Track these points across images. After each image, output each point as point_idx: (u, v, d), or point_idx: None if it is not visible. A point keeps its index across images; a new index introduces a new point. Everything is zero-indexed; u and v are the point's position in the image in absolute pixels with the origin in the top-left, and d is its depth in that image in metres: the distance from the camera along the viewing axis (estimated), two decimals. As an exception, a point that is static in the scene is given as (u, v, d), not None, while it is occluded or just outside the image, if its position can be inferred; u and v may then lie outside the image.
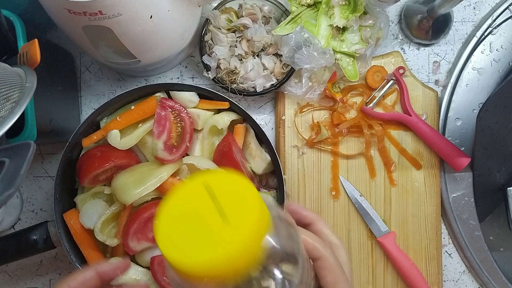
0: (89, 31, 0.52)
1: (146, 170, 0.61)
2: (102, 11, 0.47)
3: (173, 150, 0.61)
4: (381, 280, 0.70)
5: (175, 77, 0.73)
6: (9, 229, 0.71)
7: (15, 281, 0.72)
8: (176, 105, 0.62)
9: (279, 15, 0.68)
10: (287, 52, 0.65)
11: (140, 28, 0.52)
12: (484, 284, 0.72)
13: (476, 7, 0.73)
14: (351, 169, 0.70)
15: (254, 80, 0.66)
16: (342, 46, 0.66)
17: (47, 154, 0.72)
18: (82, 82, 0.72)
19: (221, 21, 0.66)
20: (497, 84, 0.72)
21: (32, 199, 0.72)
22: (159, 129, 0.61)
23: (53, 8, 0.49)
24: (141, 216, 0.59)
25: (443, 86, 0.73)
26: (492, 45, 0.71)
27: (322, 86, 0.68)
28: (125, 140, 0.62)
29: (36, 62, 0.49)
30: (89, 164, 0.61)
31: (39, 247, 0.61)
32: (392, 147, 0.70)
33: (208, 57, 0.66)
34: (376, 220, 0.69)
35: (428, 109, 0.71)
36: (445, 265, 0.72)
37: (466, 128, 0.71)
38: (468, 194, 0.71)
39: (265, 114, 0.73)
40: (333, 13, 0.65)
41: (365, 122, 0.69)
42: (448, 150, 0.68)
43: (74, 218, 0.62)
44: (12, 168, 0.37)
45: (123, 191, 0.59)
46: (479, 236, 0.71)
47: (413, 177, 0.70)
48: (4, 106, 0.44)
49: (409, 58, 0.73)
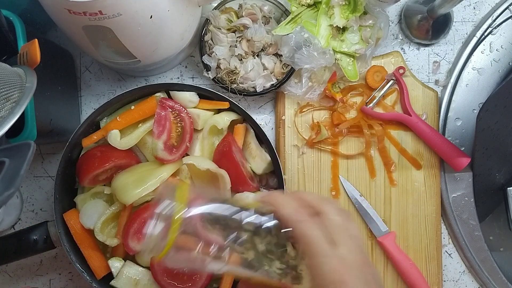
0: (89, 31, 0.52)
1: (146, 170, 0.61)
2: (102, 11, 0.47)
3: (173, 150, 0.61)
4: (381, 280, 0.70)
5: (175, 77, 0.73)
6: (9, 229, 0.71)
7: (15, 281, 0.72)
8: (176, 105, 0.62)
9: (279, 15, 0.68)
10: (287, 52, 0.65)
11: (140, 28, 0.52)
12: (484, 284, 0.72)
13: (476, 7, 0.73)
14: (351, 169, 0.70)
15: (254, 80, 0.66)
16: (342, 46, 0.66)
17: (47, 154, 0.72)
18: (82, 82, 0.72)
19: (221, 21, 0.66)
20: (497, 84, 0.72)
21: (32, 199, 0.72)
22: (159, 129, 0.61)
23: (53, 8, 0.49)
24: (141, 216, 0.59)
25: (443, 86, 0.73)
26: (492, 45, 0.71)
27: (322, 86, 0.68)
28: (125, 140, 0.62)
29: (36, 62, 0.49)
30: (89, 164, 0.61)
31: (39, 247, 0.61)
32: (392, 147, 0.70)
33: (208, 57, 0.66)
34: (376, 220, 0.69)
35: (428, 109, 0.71)
36: (445, 265, 0.72)
37: (466, 128, 0.71)
38: (468, 194, 0.71)
39: (265, 114, 0.73)
40: (333, 13, 0.65)
41: (365, 122, 0.69)
42: (448, 150, 0.68)
43: (74, 218, 0.62)
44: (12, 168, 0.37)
45: (123, 191, 0.59)
46: (479, 236, 0.71)
47: (413, 177, 0.70)
48: (4, 106, 0.44)
49: (409, 58, 0.73)
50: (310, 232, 0.38)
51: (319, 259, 0.37)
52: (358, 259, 0.39)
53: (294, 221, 0.39)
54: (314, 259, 0.38)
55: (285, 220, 0.40)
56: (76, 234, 0.62)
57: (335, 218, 0.40)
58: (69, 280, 0.72)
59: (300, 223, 0.39)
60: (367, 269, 0.39)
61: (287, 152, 0.70)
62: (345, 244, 0.38)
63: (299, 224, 0.39)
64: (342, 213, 0.41)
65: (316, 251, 0.38)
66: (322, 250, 0.37)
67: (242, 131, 0.65)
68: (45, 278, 0.72)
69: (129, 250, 0.59)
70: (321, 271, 0.37)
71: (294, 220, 0.39)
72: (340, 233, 0.39)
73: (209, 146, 0.65)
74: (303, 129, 0.70)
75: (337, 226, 0.39)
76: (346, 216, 0.41)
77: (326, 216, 0.40)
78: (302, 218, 0.39)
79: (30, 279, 0.72)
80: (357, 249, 0.39)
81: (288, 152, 0.70)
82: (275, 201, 0.41)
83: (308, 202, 0.41)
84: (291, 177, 0.70)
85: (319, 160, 0.70)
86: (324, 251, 0.37)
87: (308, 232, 0.38)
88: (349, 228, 0.40)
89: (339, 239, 0.39)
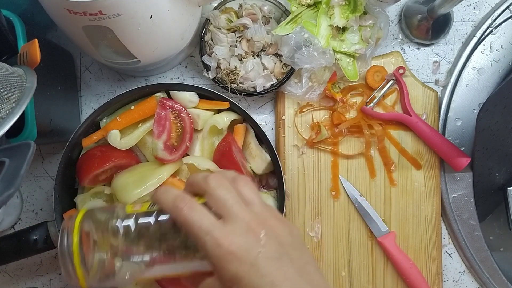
0: (89, 31, 0.52)
1: (146, 170, 0.61)
2: (102, 11, 0.47)
3: (173, 150, 0.61)
4: (381, 280, 0.70)
5: (175, 77, 0.73)
6: (9, 229, 0.71)
7: (15, 281, 0.72)
8: (176, 105, 0.62)
9: (279, 15, 0.68)
10: (287, 52, 0.65)
11: (140, 28, 0.52)
12: (484, 284, 0.72)
13: (476, 7, 0.73)
14: (351, 169, 0.70)
15: (254, 80, 0.66)
16: (342, 46, 0.66)
17: (47, 154, 0.72)
18: (82, 82, 0.72)
19: (221, 21, 0.66)
20: (497, 84, 0.72)
21: (32, 199, 0.72)
22: (159, 129, 0.61)
23: (53, 8, 0.49)
24: (141, 216, 0.59)
25: (443, 86, 0.73)
26: (492, 45, 0.71)
27: (322, 86, 0.68)
28: (125, 140, 0.62)
29: (36, 62, 0.49)
30: (89, 164, 0.61)
31: (39, 247, 0.61)
32: (392, 147, 0.70)
33: (208, 57, 0.66)
34: (376, 220, 0.69)
35: (428, 109, 0.71)
36: (445, 265, 0.72)
37: (466, 128, 0.71)
38: (468, 194, 0.71)
39: (265, 114, 0.73)
40: (333, 13, 0.65)
41: (365, 122, 0.69)
42: (448, 150, 0.68)
43: (74, 218, 0.62)
44: (12, 168, 0.37)
45: (123, 191, 0.59)
46: (479, 236, 0.71)
47: (413, 177, 0.70)
48: (4, 106, 0.44)
49: (409, 58, 0.73)
50: (188, 216, 0.36)
51: (201, 239, 0.36)
52: (251, 223, 0.36)
53: (173, 213, 0.37)
54: (198, 242, 0.36)
55: (167, 212, 0.38)
56: (76, 234, 0.62)
57: (216, 192, 0.38)
58: (69, 280, 0.72)
59: (177, 211, 0.37)
60: (264, 229, 0.36)
61: (287, 152, 0.70)
62: (231, 215, 0.37)
63: (177, 213, 0.37)
64: (226, 183, 0.39)
65: (196, 233, 0.36)
66: (202, 229, 0.36)
67: (242, 131, 0.65)
68: (45, 278, 0.72)
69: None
70: (205, 250, 0.36)
71: (172, 212, 0.37)
72: (223, 205, 0.37)
73: (209, 146, 0.65)
74: (303, 129, 0.70)
75: (219, 199, 0.37)
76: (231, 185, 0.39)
77: (208, 193, 0.38)
78: (179, 206, 0.37)
79: (30, 279, 0.72)
80: (248, 213, 0.37)
81: (288, 152, 0.70)
82: (155, 196, 0.39)
83: (195, 185, 0.40)
84: (291, 177, 0.70)
85: (319, 160, 0.70)
86: (204, 229, 0.36)
87: (187, 216, 0.36)
88: (241, 194, 0.38)
89: (224, 212, 0.37)
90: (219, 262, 0.35)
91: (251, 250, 0.35)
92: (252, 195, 0.39)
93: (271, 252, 0.36)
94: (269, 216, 0.38)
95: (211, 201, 0.38)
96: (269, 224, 0.38)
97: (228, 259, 0.35)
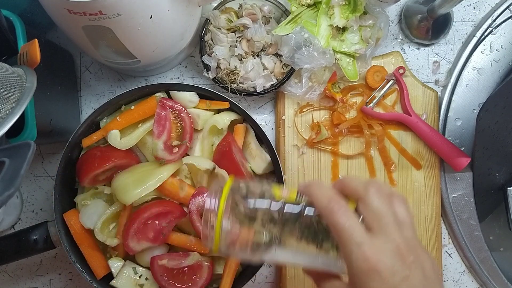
0: (89, 31, 0.52)
1: (146, 170, 0.61)
2: (102, 11, 0.47)
3: (173, 150, 0.61)
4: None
5: (175, 77, 0.73)
6: (9, 229, 0.71)
7: (15, 281, 0.72)
8: (176, 105, 0.62)
9: (279, 15, 0.68)
10: (287, 52, 0.65)
11: (140, 28, 0.52)
12: (484, 284, 0.72)
13: (476, 7, 0.73)
14: (351, 169, 0.70)
15: (254, 80, 0.66)
16: (342, 46, 0.66)
17: (47, 154, 0.72)
18: (82, 82, 0.72)
19: (221, 21, 0.66)
20: (497, 84, 0.72)
21: (32, 199, 0.72)
22: (159, 129, 0.61)
23: (53, 8, 0.49)
24: (141, 216, 0.59)
25: (443, 86, 0.73)
26: (492, 45, 0.71)
27: (322, 86, 0.68)
28: (125, 140, 0.62)
29: (36, 62, 0.49)
30: (89, 164, 0.61)
31: (39, 247, 0.61)
32: (392, 147, 0.70)
33: (208, 57, 0.66)
34: (376, 220, 0.69)
35: (428, 109, 0.71)
36: (445, 265, 0.72)
37: (466, 128, 0.71)
38: (468, 194, 0.71)
39: (265, 114, 0.73)
40: (333, 13, 0.65)
41: (365, 122, 0.69)
42: (448, 150, 0.68)
43: (74, 218, 0.62)
44: (12, 168, 0.37)
45: (123, 191, 0.59)
46: (479, 236, 0.71)
47: (413, 177, 0.70)
48: (4, 106, 0.44)
49: (409, 58, 0.73)
50: (341, 222, 0.37)
51: (348, 247, 0.36)
52: (401, 246, 0.36)
53: (325, 213, 0.38)
54: (344, 248, 0.37)
55: (319, 212, 0.39)
56: (76, 234, 0.62)
57: (374, 204, 0.38)
58: (69, 280, 0.72)
59: (331, 214, 0.37)
60: (412, 256, 0.36)
61: (287, 152, 0.70)
62: (382, 231, 0.37)
63: (330, 215, 0.37)
64: (384, 197, 0.38)
65: (345, 240, 0.36)
66: (352, 239, 0.36)
67: (242, 131, 0.65)
68: (45, 278, 0.72)
69: (129, 250, 0.59)
70: (350, 260, 0.36)
71: (325, 211, 0.38)
72: (377, 219, 0.37)
73: (209, 146, 0.65)
74: (303, 129, 0.70)
75: (375, 212, 0.37)
76: (388, 200, 0.39)
77: (364, 202, 0.38)
78: (334, 208, 0.37)
79: (30, 279, 0.72)
80: (399, 234, 0.37)
81: (288, 152, 0.70)
82: (309, 191, 0.40)
83: (350, 189, 0.40)
84: (291, 177, 0.70)
85: (319, 160, 0.70)
86: (355, 239, 0.36)
87: (339, 222, 0.37)
88: (395, 213, 0.38)
89: (375, 226, 0.37)
90: (361, 276, 0.35)
91: (397, 273, 0.35)
92: (406, 217, 0.39)
93: (416, 282, 0.36)
94: (417, 244, 0.38)
95: (366, 211, 0.38)
96: (418, 253, 0.37)
97: (371, 276, 0.35)
